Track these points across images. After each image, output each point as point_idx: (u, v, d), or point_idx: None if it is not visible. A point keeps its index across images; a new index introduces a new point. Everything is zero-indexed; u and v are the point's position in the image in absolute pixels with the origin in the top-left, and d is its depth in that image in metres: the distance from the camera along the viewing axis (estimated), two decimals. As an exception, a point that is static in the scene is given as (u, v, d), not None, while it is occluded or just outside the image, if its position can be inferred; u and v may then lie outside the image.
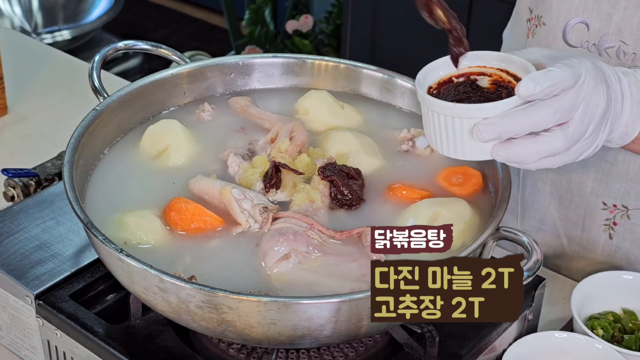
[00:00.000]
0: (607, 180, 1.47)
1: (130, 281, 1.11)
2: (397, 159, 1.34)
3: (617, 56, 1.37)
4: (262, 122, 1.39)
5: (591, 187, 1.49)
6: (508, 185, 1.19)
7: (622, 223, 1.49)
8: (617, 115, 1.13)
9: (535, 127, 1.05)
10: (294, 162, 1.27)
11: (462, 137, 1.08)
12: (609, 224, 1.50)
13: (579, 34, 1.40)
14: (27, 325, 1.29)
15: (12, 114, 1.90)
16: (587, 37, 1.39)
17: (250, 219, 1.18)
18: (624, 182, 1.45)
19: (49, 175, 1.55)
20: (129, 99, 1.36)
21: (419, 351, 1.19)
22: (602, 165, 1.45)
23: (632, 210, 1.47)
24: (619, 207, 1.48)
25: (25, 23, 3.61)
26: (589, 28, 1.38)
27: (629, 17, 1.34)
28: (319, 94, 1.42)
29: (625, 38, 1.35)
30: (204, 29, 4.83)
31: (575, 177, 1.50)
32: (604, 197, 1.48)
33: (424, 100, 1.10)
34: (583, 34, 1.39)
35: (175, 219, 1.19)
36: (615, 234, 1.50)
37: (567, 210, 1.54)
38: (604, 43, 1.37)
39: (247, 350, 1.20)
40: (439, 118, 1.08)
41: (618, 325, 1.34)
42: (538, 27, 1.47)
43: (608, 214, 1.49)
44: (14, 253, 1.31)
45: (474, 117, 1.06)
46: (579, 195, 1.51)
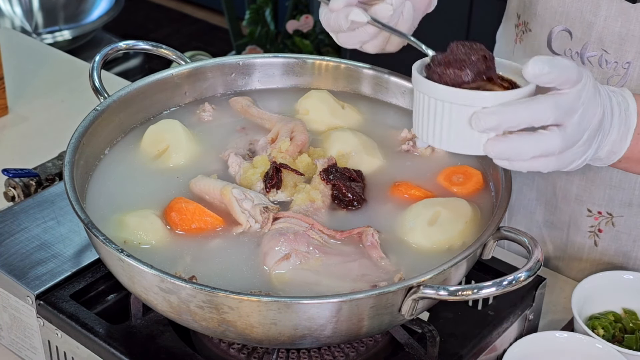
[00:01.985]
0: (591, 187, 1.47)
1: (130, 281, 1.11)
2: (397, 158, 1.34)
3: (599, 64, 1.37)
4: (262, 122, 1.39)
5: (576, 193, 1.49)
6: (509, 185, 1.19)
7: (607, 230, 1.49)
8: (607, 132, 1.10)
9: (535, 121, 1.02)
10: (295, 162, 1.27)
11: (457, 126, 1.03)
12: (594, 230, 1.50)
13: (563, 41, 1.40)
14: (28, 325, 1.29)
15: (13, 114, 1.90)
16: (571, 45, 1.39)
17: (251, 219, 1.18)
18: (607, 189, 1.46)
19: (50, 175, 1.55)
20: (130, 99, 1.36)
21: (419, 351, 1.19)
22: (585, 172, 1.45)
23: (617, 217, 1.47)
24: (603, 214, 1.48)
25: (25, 23, 3.61)
26: (572, 36, 1.38)
27: (610, 26, 1.34)
28: (319, 93, 1.42)
29: (606, 47, 1.36)
30: (205, 29, 4.83)
31: (560, 183, 1.50)
32: (588, 204, 1.48)
33: (418, 83, 1.06)
34: (566, 42, 1.39)
35: (176, 219, 1.19)
36: (600, 240, 1.51)
37: (552, 217, 1.54)
38: (586, 52, 1.37)
39: (247, 350, 1.20)
40: (435, 104, 1.04)
41: (619, 325, 1.34)
42: (525, 33, 1.48)
43: (593, 221, 1.50)
44: (14, 253, 1.31)
45: (474, 105, 1.01)
46: (564, 202, 1.51)
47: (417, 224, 1.19)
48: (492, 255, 1.16)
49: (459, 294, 1.04)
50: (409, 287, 1.05)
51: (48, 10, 3.63)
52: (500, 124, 1.01)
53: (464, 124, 1.02)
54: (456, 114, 1.02)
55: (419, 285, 1.04)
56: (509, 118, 1.01)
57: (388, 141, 1.37)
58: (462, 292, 1.04)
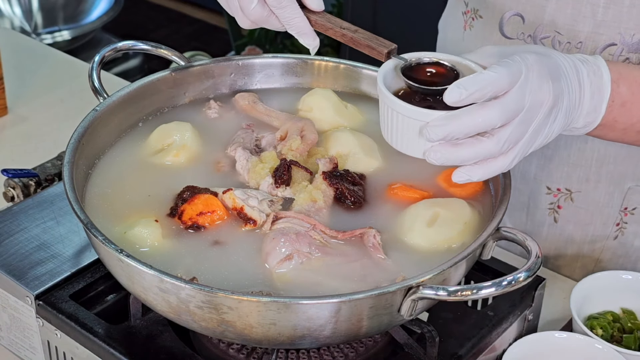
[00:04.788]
0: (549, 166, 1.49)
1: (130, 281, 1.11)
2: (397, 159, 1.34)
3: (552, 46, 1.39)
4: (270, 120, 1.39)
5: (534, 173, 1.51)
6: (508, 186, 1.19)
7: (566, 206, 1.52)
8: (575, 107, 1.13)
9: (483, 128, 1.05)
10: (306, 161, 1.28)
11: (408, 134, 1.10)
12: (553, 207, 1.52)
13: (515, 26, 1.42)
14: (27, 325, 1.29)
15: (12, 115, 1.90)
16: (523, 29, 1.41)
17: (262, 214, 1.19)
18: (565, 167, 1.48)
19: (49, 175, 1.55)
20: (129, 100, 1.36)
21: (419, 351, 1.19)
22: (543, 151, 1.47)
23: (575, 192, 1.50)
24: (562, 191, 1.50)
25: (25, 23, 3.61)
26: (524, 20, 1.41)
27: (562, 8, 1.37)
28: (323, 92, 1.42)
29: (559, 28, 1.38)
30: (204, 29, 4.83)
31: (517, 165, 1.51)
32: (547, 182, 1.51)
33: (382, 95, 1.12)
34: (519, 26, 1.42)
35: (184, 208, 1.19)
36: (559, 217, 1.53)
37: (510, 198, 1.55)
38: (539, 34, 1.40)
39: (247, 351, 1.20)
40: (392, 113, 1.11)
41: (617, 325, 1.34)
42: (475, 20, 1.50)
43: (552, 198, 1.52)
44: (14, 253, 1.31)
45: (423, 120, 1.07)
46: (522, 182, 1.54)
47: (416, 224, 1.19)
48: (491, 255, 1.17)
49: (458, 295, 1.04)
50: (409, 287, 1.05)
51: (47, 11, 3.63)
52: (448, 135, 1.05)
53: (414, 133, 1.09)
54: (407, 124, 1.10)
55: (418, 286, 1.04)
56: (455, 129, 1.05)
57: (388, 141, 1.37)
58: (461, 292, 1.04)
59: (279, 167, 1.24)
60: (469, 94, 1.03)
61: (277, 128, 1.37)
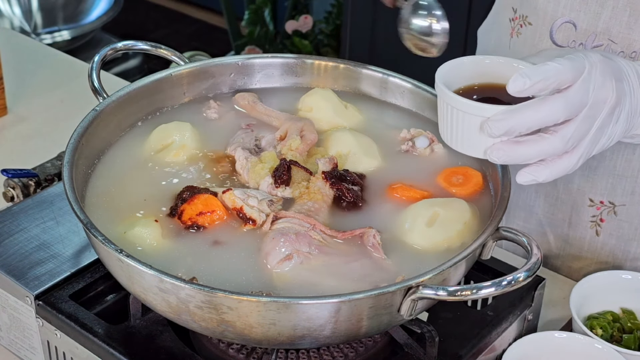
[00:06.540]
0: (594, 177, 1.46)
1: (129, 282, 1.11)
2: (397, 159, 1.34)
3: None
4: (269, 120, 1.39)
5: (578, 183, 1.48)
6: (508, 186, 1.19)
7: (609, 219, 1.49)
8: (637, 111, 1.11)
9: (546, 122, 1.03)
10: (306, 161, 1.28)
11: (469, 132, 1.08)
12: (595, 220, 1.50)
13: (566, 33, 1.39)
14: (27, 325, 1.29)
15: (12, 115, 1.90)
16: (575, 36, 1.38)
17: (262, 214, 1.19)
18: (610, 178, 1.45)
19: (49, 175, 1.55)
20: (129, 100, 1.36)
21: (418, 351, 1.19)
22: (588, 161, 1.45)
23: (619, 206, 1.47)
24: (605, 204, 1.47)
25: (24, 23, 3.61)
26: (577, 27, 1.37)
27: (618, 16, 1.34)
28: (323, 92, 1.42)
29: (613, 37, 1.35)
30: (204, 29, 4.83)
31: None
32: (590, 194, 1.48)
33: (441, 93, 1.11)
34: (570, 34, 1.39)
35: (184, 208, 1.19)
36: (602, 230, 1.50)
37: (552, 208, 1.53)
38: (592, 42, 1.37)
39: (246, 351, 1.20)
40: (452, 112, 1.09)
41: (617, 325, 1.34)
42: (523, 26, 1.46)
43: (595, 211, 1.49)
44: (13, 253, 1.31)
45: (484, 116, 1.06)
46: (565, 193, 1.51)
47: (416, 224, 1.19)
48: (491, 255, 1.17)
49: (458, 294, 1.04)
50: (408, 287, 1.05)
51: (47, 11, 3.63)
52: (510, 130, 1.03)
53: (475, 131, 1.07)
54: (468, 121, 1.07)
55: (418, 286, 1.04)
56: (518, 122, 1.03)
57: (388, 141, 1.37)
58: (461, 292, 1.04)
59: (278, 167, 1.24)
60: (532, 83, 1.01)
61: (276, 128, 1.37)
